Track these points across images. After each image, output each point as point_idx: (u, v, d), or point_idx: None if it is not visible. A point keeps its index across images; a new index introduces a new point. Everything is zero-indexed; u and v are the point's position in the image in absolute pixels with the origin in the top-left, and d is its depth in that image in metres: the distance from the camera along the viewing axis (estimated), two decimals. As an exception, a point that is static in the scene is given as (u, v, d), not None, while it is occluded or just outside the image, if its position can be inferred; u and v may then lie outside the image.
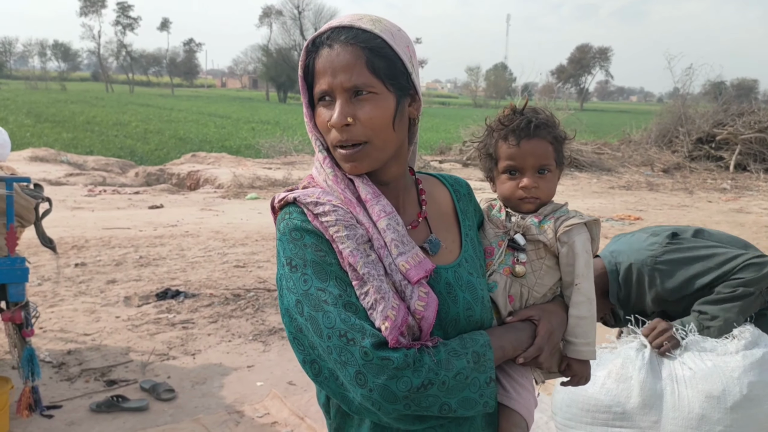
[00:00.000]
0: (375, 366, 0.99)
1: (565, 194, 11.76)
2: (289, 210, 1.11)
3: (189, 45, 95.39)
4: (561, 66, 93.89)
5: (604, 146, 18.03)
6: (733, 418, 1.63)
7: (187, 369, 3.82)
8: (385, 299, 1.04)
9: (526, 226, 1.30)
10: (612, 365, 1.82)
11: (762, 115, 16.84)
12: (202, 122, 30.40)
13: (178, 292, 5.15)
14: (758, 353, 1.71)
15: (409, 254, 1.09)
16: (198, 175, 12.66)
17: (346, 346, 1.01)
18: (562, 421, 1.89)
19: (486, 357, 1.09)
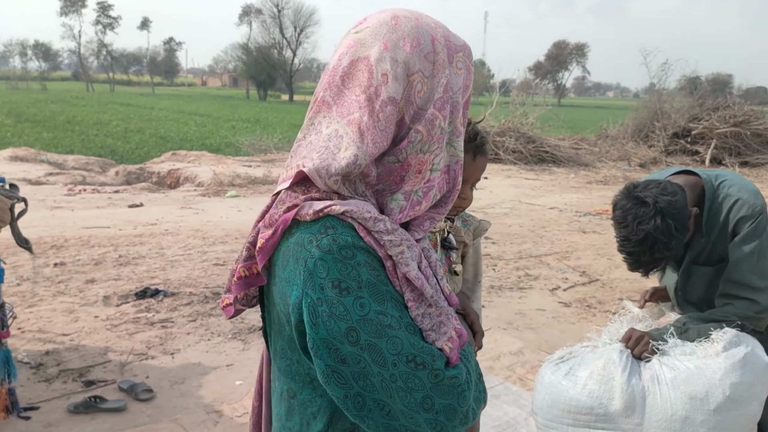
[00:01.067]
0: (445, 387, 0.95)
1: (542, 189, 11.88)
2: (329, 224, 0.95)
3: (169, 44, 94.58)
4: (538, 62, 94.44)
5: (581, 141, 18.22)
6: (717, 420, 1.64)
7: (166, 368, 3.82)
8: (449, 320, 1.01)
9: (456, 228, 1.42)
10: (594, 366, 1.82)
11: (737, 109, 17.11)
12: (182, 121, 30.14)
13: (158, 291, 5.14)
14: (740, 354, 1.72)
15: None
16: (178, 173, 12.58)
17: (414, 371, 0.93)
18: (543, 421, 1.88)
19: (472, 355, 1.10)
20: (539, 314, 5.06)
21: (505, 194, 11.07)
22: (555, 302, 5.38)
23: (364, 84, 0.97)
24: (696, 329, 1.91)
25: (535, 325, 4.82)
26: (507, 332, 4.62)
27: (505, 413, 3.40)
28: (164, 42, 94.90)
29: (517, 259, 6.79)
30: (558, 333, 4.64)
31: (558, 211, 9.78)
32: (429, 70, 0.99)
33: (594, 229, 8.35)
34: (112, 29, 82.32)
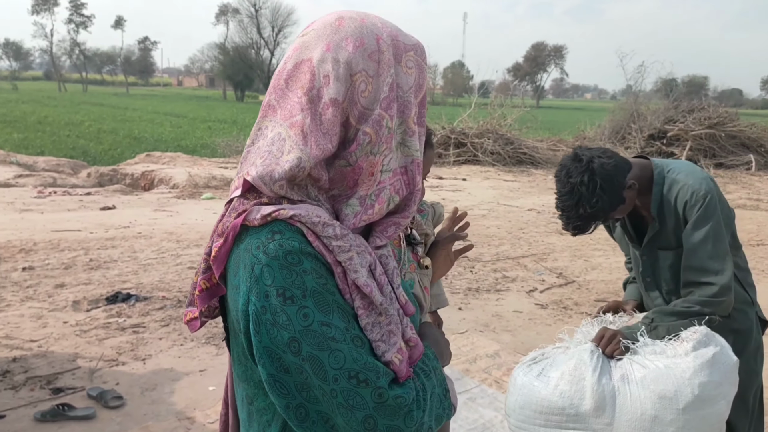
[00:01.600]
0: (388, 408, 0.91)
1: (520, 191, 11.94)
2: (277, 228, 0.92)
3: (144, 43, 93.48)
4: (517, 64, 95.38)
5: (559, 143, 18.36)
6: (686, 419, 1.64)
7: (137, 375, 3.73)
8: (400, 330, 0.97)
9: (418, 222, 1.41)
10: (565, 367, 1.83)
11: (711, 111, 17.37)
12: (157, 121, 29.77)
13: (129, 296, 5.04)
14: (709, 354, 1.73)
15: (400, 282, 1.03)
16: (152, 175, 12.39)
17: (356, 388, 0.90)
18: (515, 423, 1.88)
19: (438, 370, 1.07)
20: (516, 316, 5.06)
21: (483, 196, 11.11)
22: (532, 304, 5.39)
23: (306, 86, 0.96)
24: (665, 327, 1.92)
25: (512, 327, 4.82)
26: (484, 334, 4.61)
27: (480, 416, 3.38)
28: (139, 41, 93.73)
29: (494, 261, 6.80)
30: (534, 335, 4.65)
31: (536, 213, 9.83)
32: (374, 69, 0.96)
33: (571, 230, 8.40)
34: (85, 28, 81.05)
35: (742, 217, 9.97)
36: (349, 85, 0.95)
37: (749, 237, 8.50)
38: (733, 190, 13.10)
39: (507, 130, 16.61)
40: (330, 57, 0.96)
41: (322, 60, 0.96)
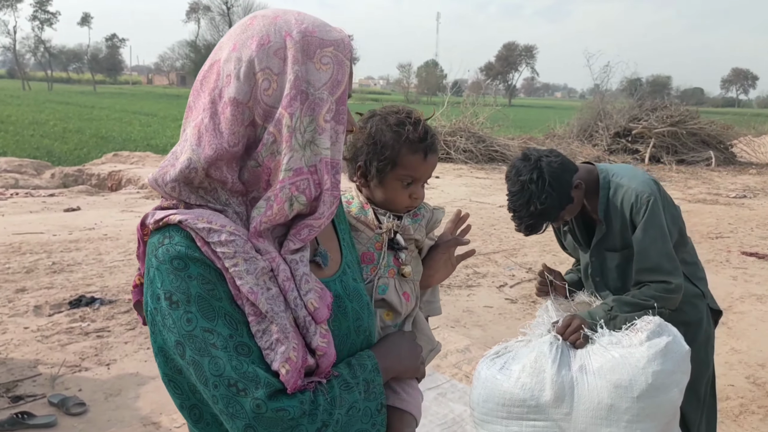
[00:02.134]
0: (268, 420, 0.90)
1: (492, 188, 12.02)
2: (168, 233, 0.94)
3: (112, 40, 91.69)
4: (489, 63, 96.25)
5: (529, 141, 18.54)
6: (640, 406, 1.68)
7: (101, 380, 3.64)
8: (288, 339, 0.93)
9: (405, 226, 1.34)
10: (526, 360, 1.85)
11: (673, 109, 17.81)
12: (125, 120, 29.24)
13: (94, 299, 4.92)
14: (662, 343, 1.77)
15: (314, 288, 0.98)
16: (120, 175, 12.16)
17: (236, 396, 0.89)
18: (479, 416, 1.90)
19: (375, 383, 1.05)
20: (486, 311, 5.09)
21: (456, 193, 11.15)
22: (502, 299, 5.42)
23: (211, 86, 0.97)
24: (623, 317, 1.98)
25: (483, 322, 4.84)
26: (455, 330, 4.62)
27: (451, 410, 3.38)
28: (106, 38, 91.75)
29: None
30: (504, 329, 4.67)
31: (507, 209, 9.90)
32: (279, 66, 0.95)
33: (541, 227, 8.49)
34: (50, 25, 79.04)
35: (702, 211, 10.22)
36: (252, 83, 0.94)
37: (709, 230, 8.72)
38: (694, 185, 13.40)
39: (479, 129, 16.73)
40: (234, 56, 0.95)
41: (227, 59, 0.96)
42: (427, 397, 3.51)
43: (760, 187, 13.42)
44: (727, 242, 8.04)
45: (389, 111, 1.34)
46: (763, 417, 3.57)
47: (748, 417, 3.56)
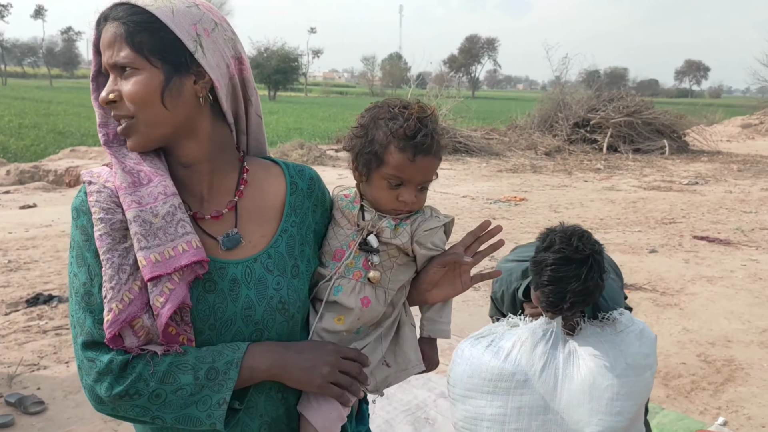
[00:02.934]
0: (83, 365, 1.02)
1: (456, 179, 12.14)
2: (82, 188, 1.09)
3: (67, 33, 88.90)
4: (452, 56, 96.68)
5: (492, 132, 18.79)
6: (620, 384, 1.78)
7: (60, 378, 3.59)
8: (114, 290, 0.98)
9: (381, 228, 1.21)
10: (517, 337, 1.91)
11: (629, 100, 18.23)
12: (84, 115, 28.43)
13: (52, 297, 4.82)
14: (636, 329, 1.90)
15: (159, 248, 1.00)
16: (78, 171, 11.86)
17: (76, 338, 1.03)
18: (460, 392, 1.92)
19: (227, 376, 1.02)
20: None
21: (418, 185, 11.21)
22: (465, 288, 5.49)
23: None
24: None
25: (446, 312, 4.91)
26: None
27: (414, 396, 3.45)
28: (62, 31, 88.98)
29: (428, 248, 6.89)
30: (467, 316, 4.75)
31: (470, 200, 10.02)
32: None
33: (503, 215, 8.64)
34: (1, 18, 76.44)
35: (657, 198, 10.55)
36: None
37: (662, 216, 9.01)
38: (649, 173, 13.79)
39: (443, 120, 16.83)
40: None
41: None
42: (391, 385, 3.57)
43: (711, 174, 13.87)
44: (679, 227, 8.31)
45: (394, 101, 1.21)
46: (713, 393, 3.71)
47: (699, 393, 3.71)
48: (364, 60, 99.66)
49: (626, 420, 1.75)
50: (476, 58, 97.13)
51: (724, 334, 4.61)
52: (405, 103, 1.19)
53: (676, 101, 55.91)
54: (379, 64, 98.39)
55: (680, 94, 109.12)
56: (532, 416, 1.79)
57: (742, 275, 6.13)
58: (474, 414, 1.85)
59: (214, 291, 1.06)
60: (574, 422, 1.75)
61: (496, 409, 1.81)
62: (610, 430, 1.73)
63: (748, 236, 7.87)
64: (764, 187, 12.15)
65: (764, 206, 10.02)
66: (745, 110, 30.84)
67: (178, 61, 1.04)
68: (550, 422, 1.77)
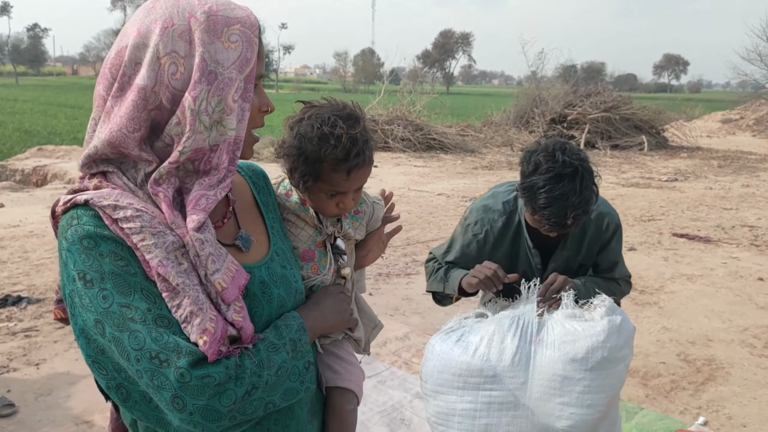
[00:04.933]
0: (194, 388, 0.91)
1: (431, 176, 12.17)
2: (76, 214, 0.95)
3: (34, 30, 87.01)
4: (426, 51, 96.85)
5: (467, 128, 18.83)
6: (592, 377, 1.76)
7: (30, 380, 3.51)
8: (203, 311, 0.94)
9: (346, 231, 1.34)
10: (485, 331, 1.89)
11: (607, 95, 18.32)
12: (50, 113, 27.86)
13: (20, 298, 4.71)
14: (616, 320, 1.86)
15: (223, 269, 0.99)
16: (45, 170, 11.62)
17: (159, 368, 0.90)
18: (432, 387, 1.92)
19: (302, 342, 1.08)
20: (425, 299, 5.15)
21: (394, 182, 11.22)
22: (441, 285, 5.50)
23: (119, 73, 0.97)
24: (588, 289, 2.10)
25: (421, 309, 4.92)
26: (394, 318, 4.67)
27: (390, 397, 3.43)
28: (28, 28, 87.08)
29: (404, 245, 6.89)
30: (443, 315, 4.72)
31: (445, 197, 10.04)
32: (185, 49, 0.96)
33: (478, 213, 8.66)
34: (-34, 14, 74.50)
35: (635, 195, 10.67)
36: (157, 69, 0.95)
37: (641, 213, 9.10)
38: (628, 169, 13.94)
39: (416, 117, 16.83)
40: (140, 42, 0.96)
41: (134, 46, 0.96)
42: (366, 385, 3.51)
43: (690, 170, 14.06)
44: (658, 224, 8.38)
45: (322, 113, 1.22)
46: (693, 392, 3.73)
47: (679, 393, 3.73)
48: (337, 56, 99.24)
49: (598, 413, 1.75)
50: (450, 54, 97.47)
51: (705, 333, 4.65)
52: (333, 120, 1.19)
53: (654, 96, 56.73)
54: (352, 59, 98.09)
55: (659, 89, 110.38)
56: (502, 411, 1.79)
57: (722, 273, 6.19)
58: (445, 409, 1.85)
59: (247, 296, 1.06)
60: (545, 416, 1.75)
61: (466, 404, 1.81)
62: (581, 424, 1.73)
63: (729, 233, 7.95)
64: (745, 183, 12.32)
65: (745, 203, 10.17)
66: (725, 105, 31.14)
67: None
68: (521, 417, 1.77)
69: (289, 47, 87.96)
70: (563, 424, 1.72)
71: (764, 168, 14.79)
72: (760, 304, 5.30)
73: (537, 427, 1.74)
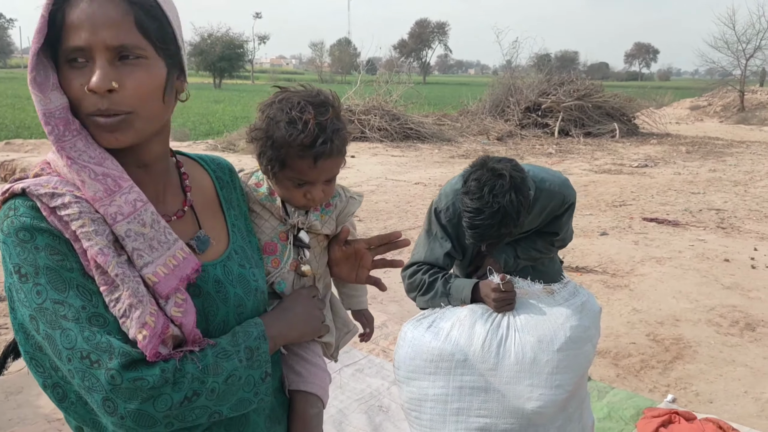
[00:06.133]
0: (125, 390, 0.87)
1: (408, 165, 12.18)
2: (14, 205, 0.90)
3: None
4: (402, 41, 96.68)
5: (444, 117, 18.88)
6: (559, 358, 1.80)
7: (0, 379, 3.44)
8: (143, 303, 0.90)
9: (311, 223, 1.27)
10: (456, 317, 1.92)
11: (580, 84, 18.57)
12: (18, 106, 27.18)
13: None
14: (579, 302, 1.92)
15: (161, 260, 0.94)
16: (13, 164, 11.36)
17: (90, 369, 0.86)
18: (404, 374, 1.94)
19: (260, 351, 1.03)
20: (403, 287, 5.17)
21: (371, 172, 11.21)
22: (418, 273, 5.52)
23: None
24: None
25: (399, 297, 4.92)
26: (371, 306, 4.62)
27: (368, 385, 3.45)
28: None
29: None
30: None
31: (423, 186, 10.06)
32: None
33: (455, 201, 8.70)
34: (-72, 4, 72.31)
35: (607, 181, 10.81)
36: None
37: (613, 199, 9.24)
38: (600, 156, 14.12)
39: (393, 107, 16.82)
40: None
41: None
42: (344, 374, 3.56)
43: (660, 156, 14.30)
44: (629, 209, 8.52)
45: (293, 98, 1.18)
46: (661, 371, 3.84)
47: (649, 372, 3.82)
48: (313, 46, 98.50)
49: (567, 392, 1.78)
50: (427, 43, 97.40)
51: (673, 314, 4.76)
52: (302, 105, 1.16)
53: (626, 84, 57.41)
54: (328, 50, 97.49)
55: (630, 77, 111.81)
56: (473, 395, 1.81)
57: (690, 255, 6.32)
58: (418, 395, 1.86)
59: (200, 295, 1.02)
60: (515, 398, 1.78)
61: (438, 390, 1.83)
62: (551, 404, 1.76)
63: (696, 217, 8.13)
64: (712, 168, 12.57)
65: (712, 187, 10.38)
66: (693, 92, 31.76)
67: (173, 53, 0.98)
68: (492, 400, 1.80)
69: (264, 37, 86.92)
70: (533, 405, 1.74)
71: (730, 153, 15.10)
72: (725, 285, 5.43)
73: (507, 410, 1.77)
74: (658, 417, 2.99)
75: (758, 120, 24.41)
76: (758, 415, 3.34)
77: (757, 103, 26.38)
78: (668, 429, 2.89)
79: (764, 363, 3.95)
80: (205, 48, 49.10)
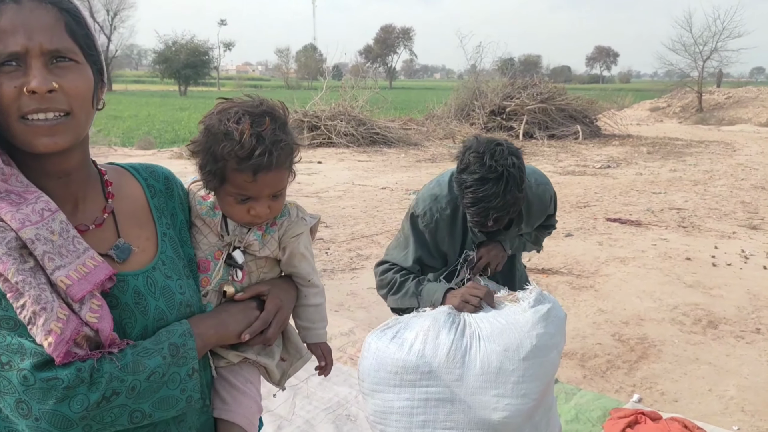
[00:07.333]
0: (38, 391, 0.86)
1: (375, 170, 12.18)
2: None
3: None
4: (368, 46, 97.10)
5: (410, 122, 19.00)
6: (525, 366, 1.77)
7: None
8: (47, 310, 0.88)
9: (249, 242, 1.20)
10: (419, 327, 1.88)
11: (543, 87, 18.92)
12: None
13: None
14: (544, 309, 1.89)
15: (72, 266, 0.93)
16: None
17: (1, 372, 0.87)
18: (369, 386, 1.90)
19: (186, 347, 1.03)
20: (370, 293, 5.14)
21: (338, 177, 11.17)
22: (386, 279, 5.49)
23: None
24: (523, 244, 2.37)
25: (366, 303, 4.90)
26: (339, 314, 4.63)
27: (335, 394, 3.39)
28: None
29: (349, 240, 6.86)
30: (388, 309, 4.73)
31: (389, 191, 10.06)
32: None
33: (422, 206, 8.71)
34: None
35: (572, 182, 10.97)
36: None
37: (577, 200, 9.37)
38: (564, 158, 14.34)
39: (359, 112, 16.83)
40: None
41: None
42: (311, 383, 3.50)
43: (622, 157, 14.59)
44: (593, 210, 8.65)
45: (231, 109, 1.12)
46: (627, 371, 3.87)
47: (615, 372, 3.85)
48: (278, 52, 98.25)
49: (533, 401, 1.77)
50: (392, 48, 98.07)
51: (637, 313, 4.81)
52: (240, 116, 1.10)
53: (588, 87, 58.58)
54: (294, 56, 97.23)
55: (592, 80, 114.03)
56: (439, 407, 1.78)
57: (652, 255, 6.43)
58: (383, 408, 1.83)
59: (118, 306, 1.00)
60: (481, 409, 1.75)
61: (403, 402, 1.80)
62: (517, 414, 1.74)
63: (658, 216, 8.28)
64: (672, 168, 12.88)
65: (672, 186, 10.61)
66: (653, 94, 32.70)
67: (97, 60, 1.00)
68: (458, 411, 1.77)
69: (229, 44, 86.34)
70: (499, 416, 1.72)
71: (690, 153, 15.51)
72: (688, 283, 5.53)
73: (473, 421, 1.74)
74: (624, 417, 3.00)
75: (716, 120, 25.16)
76: (722, 413, 3.39)
77: (714, 104, 27.20)
78: (634, 429, 2.90)
79: (727, 360, 4.02)
80: (169, 55, 48.57)
